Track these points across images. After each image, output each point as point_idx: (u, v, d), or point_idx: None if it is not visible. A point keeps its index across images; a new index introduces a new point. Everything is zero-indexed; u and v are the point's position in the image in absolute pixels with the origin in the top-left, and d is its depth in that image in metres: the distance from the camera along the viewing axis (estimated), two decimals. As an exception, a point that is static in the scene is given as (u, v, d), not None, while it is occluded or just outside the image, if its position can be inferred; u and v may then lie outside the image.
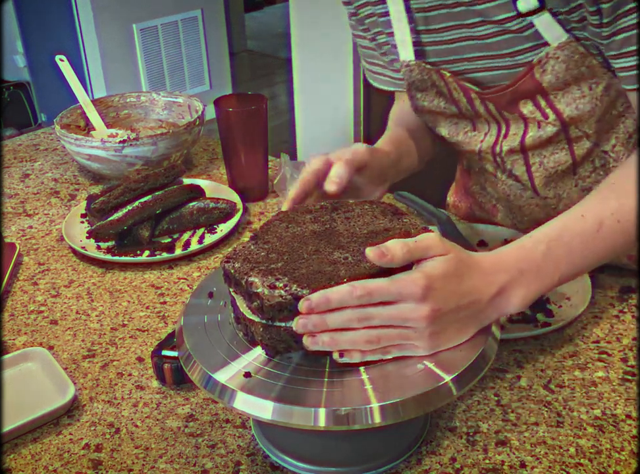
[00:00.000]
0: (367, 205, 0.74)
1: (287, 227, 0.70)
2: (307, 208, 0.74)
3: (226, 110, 1.17)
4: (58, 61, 1.40)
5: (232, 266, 0.65)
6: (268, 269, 0.63)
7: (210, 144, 1.45)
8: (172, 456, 0.72)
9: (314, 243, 0.67)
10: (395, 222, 0.70)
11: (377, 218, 0.71)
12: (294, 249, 0.66)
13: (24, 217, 1.20)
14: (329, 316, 0.60)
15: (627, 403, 0.75)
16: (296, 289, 0.61)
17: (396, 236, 0.65)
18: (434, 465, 0.69)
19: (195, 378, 0.64)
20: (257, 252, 0.66)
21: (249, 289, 0.62)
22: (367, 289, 0.60)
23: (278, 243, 0.68)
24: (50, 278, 1.02)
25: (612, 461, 0.68)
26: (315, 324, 0.60)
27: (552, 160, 0.91)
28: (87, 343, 0.89)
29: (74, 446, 0.74)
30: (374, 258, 0.60)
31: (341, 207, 0.74)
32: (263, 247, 0.67)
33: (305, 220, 0.72)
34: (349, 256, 0.65)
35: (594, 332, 0.86)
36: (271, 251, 0.66)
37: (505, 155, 0.93)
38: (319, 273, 0.62)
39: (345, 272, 0.62)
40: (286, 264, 0.64)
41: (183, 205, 1.11)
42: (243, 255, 0.66)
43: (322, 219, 0.72)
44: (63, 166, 1.38)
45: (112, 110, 1.44)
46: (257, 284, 0.62)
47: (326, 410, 0.58)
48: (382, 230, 0.69)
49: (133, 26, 3.59)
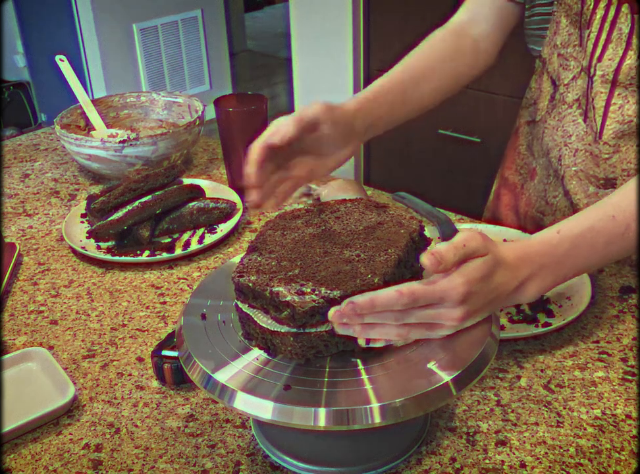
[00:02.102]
0: (349, 203, 0.75)
1: (283, 234, 0.70)
2: (293, 214, 0.74)
3: (226, 110, 1.17)
4: (58, 61, 1.40)
5: (247, 279, 0.64)
6: (287, 277, 0.63)
7: (210, 144, 1.45)
8: (172, 456, 0.72)
9: (319, 245, 0.67)
10: (384, 215, 0.72)
11: (365, 214, 0.72)
12: (303, 254, 0.66)
13: (24, 217, 1.20)
14: (365, 315, 0.60)
15: (627, 403, 0.75)
16: (325, 292, 0.61)
17: (392, 228, 0.68)
18: (434, 465, 0.69)
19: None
20: (268, 262, 0.66)
21: (276, 299, 0.61)
22: (414, 297, 0.60)
23: (284, 250, 0.67)
24: (50, 278, 1.02)
25: (612, 461, 0.68)
26: (350, 317, 0.60)
27: (632, 110, 0.91)
28: (87, 343, 0.89)
29: (74, 446, 0.74)
30: (431, 267, 0.61)
31: (326, 208, 0.74)
32: (270, 256, 0.67)
33: (298, 225, 0.72)
34: (360, 253, 0.65)
35: (594, 332, 0.86)
36: (281, 259, 0.66)
37: (596, 79, 0.93)
38: (340, 273, 0.63)
39: (364, 268, 0.63)
40: (303, 269, 0.64)
41: (183, 205, 1.11)
42: (254, 267, 0.66)
43: (314, 222, 0.72)
44: (63, 166, 1.38)
45: (112, 110, 1.44)
46: (284, 293, 0.61)
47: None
48: (376, 224, 0.70)
49: (133, 26, 3.59)
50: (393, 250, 0.65)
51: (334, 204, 0.75)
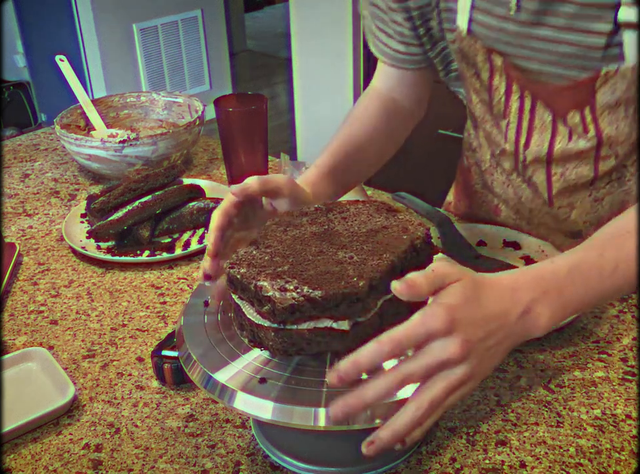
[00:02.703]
0: (360, 205, 0.74)
1: (285, 230, 0.70)
2: (301, 211, 0.74)
3: (226, 110, 1.17)
4: (58, 61, 1.40)
5: (237, 271, 0.64)
6: (275, 272, 0.63)
7: (210, 144, 1.45)
8: (172, 456, 0.72)
9: (316, 244, 0.67)
10: (391, 220, 0.70)
11: (373, 217, 0.71)
12: (298, 252, 0.66)
13: (24, 217, 1.20)
14: (366, 394, 0.57)
15: (627, 403, 0.75)
16: (308, 290, 0.60)
17: (395, 233, 0.66)
18: (434, 465, 0.69)
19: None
20: (261, 256, 0.66)
21: (259, 293, 0.61)
22: (395, 341, 0.56)
23: (280, 246, 0.67)
24: (50, 278, 1.02)
25: (612, 461, 0.68)
26: (353, 406, 0.57)
27: (575, 173, 0.90)
28: (87, 343, 0.89)
29: (74, 446, 0.74)
30: (402, 292, 0.57)
31: (335, 208, 0.74)
32: (266, 251, 0.67)
33: (302, 223, 0.71)
34: (354, 255, 0.65)
35: (594, 332, 0.86)
36: (275, 254, 0.66)
37: (529, 162, 0.93)
38: (327, 273, 0.62)
39: (353, 271, 0.62)
40: (293, 266, 0.64)
41: (183, 205, 1.11)
42: (247, 260, 0.66)
43: (319, 220, 0.72)
44: (63, 166, 1.38)
45: (112, 110, 1.44)
46: (267, 288, 0.61)
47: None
48: (381, 227, 0.69)
49: (133, 26, 3.59)
50: (388, 255, 0.64)
51: (345, 204, 0.74)
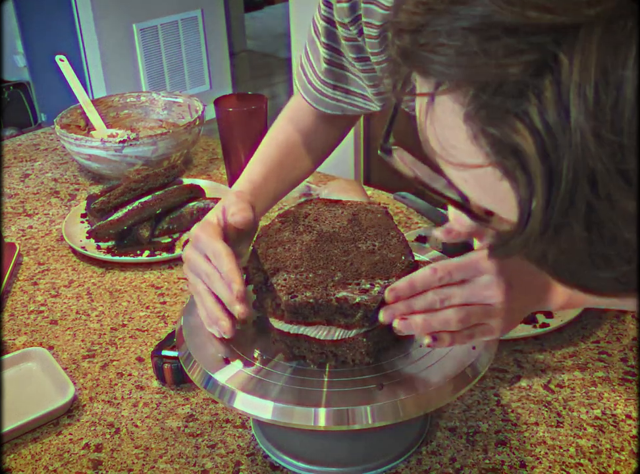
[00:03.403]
0: (307, 206, 0.73)
1: (285, 248, 0.67)
2: (273, 228, 0.70)
3: (226, 110, 1.17)
4: (58, 61, 1.40)
5: (304, 297, 0.62)
6: (337, 282, 0.62)
7: (210, 144, 1.45)
8: (172, 456, 0.72)
9: (331, 247, 0.67)
10: (348, 209, 0.72)
11: (332, 211, 0.72)
12: (328, 259, 0.65)
13: (24, 217, 1.20)
14: (414, 301, 0.60)
15: (627, 403, 0.75)
16: (383, 282, 0.62)
17: (369, 215, 0.70)
18: (434, 465, 0.69)
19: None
20: (303, 277, 0.63)
21: (344, 305, 0.61)
22: (447, 269, 0.61)
23: (304, 262, 0.65)
24: (50, 278, 1.02)
25: (612, 461, 0.68)
26: (402, 311, 0.60)
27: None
28: (87, 343, 0.89)
29: (74, 446, 0.74)
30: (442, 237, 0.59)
31: (299, 216, 0.71)
32: (299, 271, 0.64)
33: (290, 238, 0.68)
34: (372, 242, 0.67)
35: (594, 332, 0.86)
36: (310, 270, 0.64)
37: None
38: (377, 264, 0.64)
39: (391, 253, 0.65)
40: (343, 271, 0.63)
41: (183, 205, 1.11)
42: (295, 284, 0.63)
43: (301, 230, 0.69)
44: (63, 166, 1.38)
45: (112, 110, 1.44)
46: (351, 296, 0.61)
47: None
48: (352, 216, 0.71)
49: (133, 26, 3.59)
50: (394, 232, 0.68)
51: (295, 211, 0.72)
